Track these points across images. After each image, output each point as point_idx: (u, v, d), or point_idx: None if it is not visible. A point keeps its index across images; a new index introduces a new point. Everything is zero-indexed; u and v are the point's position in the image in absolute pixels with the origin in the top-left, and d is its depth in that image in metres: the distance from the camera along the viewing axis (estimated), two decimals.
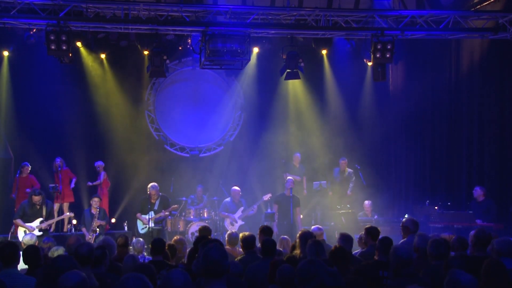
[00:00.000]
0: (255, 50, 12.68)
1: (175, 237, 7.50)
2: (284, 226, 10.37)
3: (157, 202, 10.75)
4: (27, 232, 9.41)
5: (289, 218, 10.46)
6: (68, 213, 10.91)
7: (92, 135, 12.87)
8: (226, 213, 11.49)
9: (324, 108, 13.79)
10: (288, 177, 11.42)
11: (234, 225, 11.36)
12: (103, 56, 12.78)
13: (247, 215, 11.57)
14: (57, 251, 6.39)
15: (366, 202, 11.73)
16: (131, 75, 13.02)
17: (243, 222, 11.44)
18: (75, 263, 4.04)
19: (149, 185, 10.72)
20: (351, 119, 13.63)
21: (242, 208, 11.51)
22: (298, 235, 6.29)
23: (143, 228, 10.60)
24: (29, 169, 11.38)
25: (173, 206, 11.02)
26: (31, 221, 9.66)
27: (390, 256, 4.66)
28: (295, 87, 13.56)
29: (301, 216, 11.19)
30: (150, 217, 10.46)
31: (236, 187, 11.72)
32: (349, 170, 12.66)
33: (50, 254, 6.30)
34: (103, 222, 10.40)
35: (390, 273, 4.79)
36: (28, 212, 9.68)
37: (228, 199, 11.69)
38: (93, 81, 12.89)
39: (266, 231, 6.85)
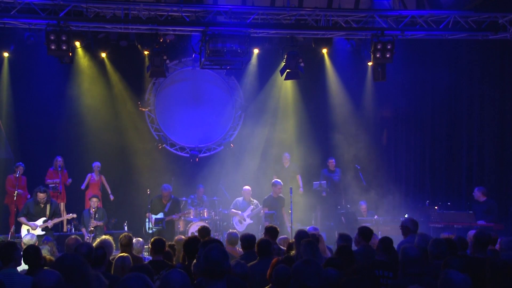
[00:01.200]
0: (256, 51, 12.71)
1: (176, 237, 7.51)
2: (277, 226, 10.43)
3: (168, 204, 10.74)
4: (30, 231, 9.45)
5: (279, 218, 10.68)
6: (71, 214, 10.88)
7: (92, 135, 12.84)
8: (235, 210, 11.43)
9: (325, 108, 13.77)
10: (274, 180, 11.44)
11: (243, 223, 11.31)
12: (103, 56, 12.77)
13: (259, 213, 11.51)
14: (43, 249, 6.38)
15: (362, 202, 11.72)
16: (131, 75, 13.02)
17: (251, 221, 11.37)
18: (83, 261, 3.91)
19: (162, 186, 10.72)
20: (351, 118, 13.61)
21: (252, 207, 11.45)
22: (294, 235, 6.30)
23: (150, 228, 10.61)
24: (23, 169, 11.33)
25: (187, 211, 11.16)
26: (34, 220, 9.67)
27: (400, 254, 4.70)
28: (295, 87, 13.55)
29: (286, 214, 11.25)
30: (154, 219, 10.49)
31: (247, 187, 11.65)
32: (338, 169, 12.66)
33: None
34: (100, 223, 10.38)
35: (399, 272, 4.80)
36: (33, 211, 9.68)
37: (240, 198, 11.63)
38: (93, 81, 12.88)
39: (271, 231, 6.84)
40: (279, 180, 11.31)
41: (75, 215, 10.73)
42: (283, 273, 4.28)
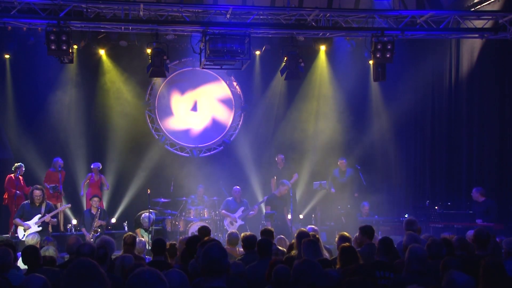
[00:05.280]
0: (256, 51, 12.73)
1: (180, 238, 7.50)
2: (278, 226, 10.45)
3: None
4: (25, 231, 9.48)
5: (281, 218, 10.70)
6: (66, 205, 10.90)
7: (92, 135, 12.88)
8: (227, 212, 11.50)
9: (325, 108, 13.78)
10: (283, 180, 11.45)
11: (234, 225, 11.38)
12: (103, 56, 12.79)
13: (247, 216, 11.60)
14: (48, 251, 6.38)
15: (365, 203, 11.73)
16: (131, 75, 13.01)
17: (242, 222, 11.47)
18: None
19: (143, 215, 10.69)
20: (351, 118, 13.64)
21: (242, 208, 11.54)
22: (295, 235, 6.29)
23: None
24: (23, 170, 11.33)
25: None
26: (30, 219, 9.69)
27: (407, 253, 4.73)
28: (295, 87, 13.55)
29: (289, 216, 11.31)
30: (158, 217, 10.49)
31: (237, 187, 11.75)
32: (349, 169, 12.64)
33: (42, 253, 6.29)
34: (103, 222, 10.44)
35: (403, 269, 4.83)
36: (29, 210, 9.74)
37: (230, 198, 11.72)
38: (93, 81, 12.90)
39: (266, 233, 6.84)
40: (288, 181, 11.34)
41: (69, 205, 10.80)
42: (283, 273, 4.28)
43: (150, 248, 8.59)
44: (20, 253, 5.50)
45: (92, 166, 11.99)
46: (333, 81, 13.69)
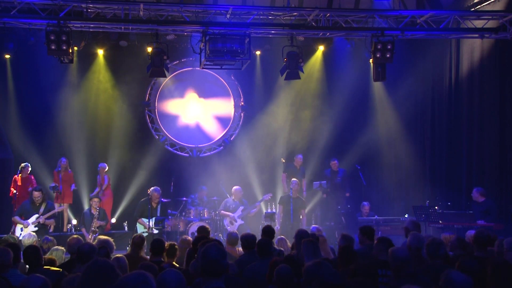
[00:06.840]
0: (256, 51, 12.73)
1: (182, 237, 7.50)
2: (286, 226, 10.46)
3: (159, 208, 10.76)
4: (23, 229, 9.56)
5: (290, 219, 10.63)
6: (62, 205, 10.93)
7: (93, 135, 12.88)
8: (225, 212, 11.51)
9: (325, 108, 13.78)
10: (293, 179, 11.49)
11: (234, 224, 11.38)
12: (103, 56, 12.79)
13: (249, 214, 11.59)
14: (57, 252, 6.41)
15: (365, 203, 11.74)
16: (131, 75, 13.00)
17: (242, 222, 11.48)
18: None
19: (152, 188, 10.70)
20: (351, 119, 13.63)
21: (242, 208, 11.53)
22: (294, 234, 6.30)
23: (144, 232, 10.57)
24: (29, 169, 11.37)
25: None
26: (29, 218, 9.84)
27: (389, 257, 4.70)
28: (295, 87, 13.54)
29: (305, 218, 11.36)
30: (152, 222, 10.46)
31: (237, 187, 11.74)
32: (341, 169, 12.66)
33: (49, 254, 6.32)
34: (102, 223, 10.44)
35: (391, 273, 4.81)
36: (29, 209, 9.88)
37: (229, 198, 11.73)
38: (93, 81, 12.90)
39: (267, 232, 6.84)
40: (296, 180, 11.40)
41: (63, 207, 10.84)
42: (285, 273, 4.28)
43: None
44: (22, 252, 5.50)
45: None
46: (333, 81, 13.69)
